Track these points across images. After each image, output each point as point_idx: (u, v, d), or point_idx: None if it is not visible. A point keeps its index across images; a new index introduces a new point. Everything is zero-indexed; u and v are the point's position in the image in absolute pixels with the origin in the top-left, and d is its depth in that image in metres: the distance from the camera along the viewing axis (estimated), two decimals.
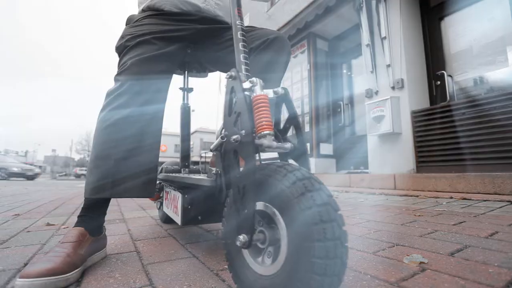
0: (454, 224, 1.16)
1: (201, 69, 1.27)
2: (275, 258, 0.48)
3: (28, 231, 1.20)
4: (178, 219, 0.81)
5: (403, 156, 3.02)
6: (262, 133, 0.56)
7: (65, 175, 29.70)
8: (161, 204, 1.37)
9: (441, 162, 2.74)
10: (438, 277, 0.62)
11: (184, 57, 1.12)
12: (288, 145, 0.60)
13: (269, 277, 0.46)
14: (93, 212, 0.79)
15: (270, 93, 0.63)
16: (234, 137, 0.51)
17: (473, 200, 1.89)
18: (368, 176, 3.20)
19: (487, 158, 2.36)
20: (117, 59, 0.94)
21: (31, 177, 11.91)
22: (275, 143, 0.57)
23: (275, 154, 0.63)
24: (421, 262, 0.71)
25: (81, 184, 7.99)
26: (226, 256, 0.56)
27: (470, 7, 3.04)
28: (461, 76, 3.07)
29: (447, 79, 3.07)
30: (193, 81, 1.32)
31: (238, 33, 0.70)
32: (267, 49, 0.95)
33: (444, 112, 2.76)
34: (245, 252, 0.52)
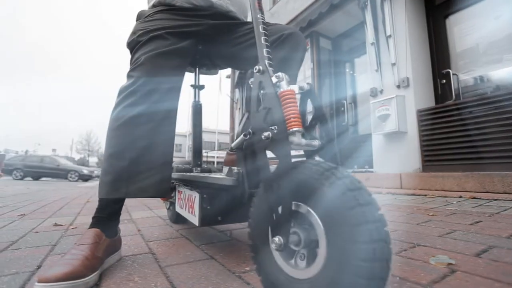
0: (471, 224, 1.14)
1: (212, 66, 1.25)
2: (310, 260, 0.46)
3: (36, 232, 1.18)
4: (195, 219, 0.78)
5: (408, 155, 3.00)
6: (291, 130, 0.53)
7: None
8: (171, 204, 1.35)
9: (447, 161, 2.71)
10: (470, 279, 0.60)
11: (195, 53, 1.10)
12: (316, 142, 0.58)
13: (307, 281, 0.44)
14: (108, 213, 0.77)
15: (295, 88, 0.61)
16: (265, 134, 0.49)
17: (483, 199, 1.87)
18: (373, 175, 3.18)
19: (496, 157, 2.34)
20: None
21: (91, 178, 12.09)
22: (304, 140, 0.55)
23: (297, 151, 0.60)
24: (449, 264, 0.69)
25: (82, 184, 7.95)
26: (254, 259, 0.54)
27: (475, 5, 3.01)
28: (467, 75, 3.05)
29: (452, 78, 3.05)
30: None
31: (260, 27, 0.68)
32: (282, 45, 0.93)
33: (451, 111, 2.74)
34: (276, 255, 0.50)
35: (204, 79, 1.34)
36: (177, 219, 1.31)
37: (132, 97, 0.79)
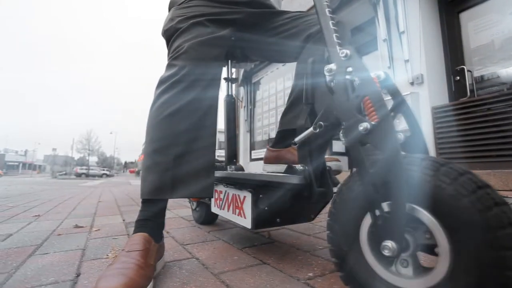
0: None
1: (242, 59, 1.19)
2: (418, 268, 0.40)
3: (59, 234, 1.11)
4: (245, 222, 0.72)
5: None
6: None
7: (65, 174, 29.34)
8: (198, 204, 1.29)
9: (464, 159, 2.67)
10: None
11: (230, 44, 1.04)
12: (400, 135, 0.52)
13: None
14: (154, 215, 0.70)
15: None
16: (364, 125, 0.42)
17: (510, 197, 1.82)
18: None
19: None
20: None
21: None
22: None
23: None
24: None
25: (83, 183, 7.82)
26: (340, 266, 0.48)
27: (490, 0, 2.97)
28: (482, 71, 3.00)
29: (467, 74, 3.00)
30: None
31: (326, 10, 0.62)
32: None
33: (467, 108, 2.69)
34: (372, 261, 0.44)
35: None
36: (204, 220, 1.25)
37: (176, 88, 0.73)
